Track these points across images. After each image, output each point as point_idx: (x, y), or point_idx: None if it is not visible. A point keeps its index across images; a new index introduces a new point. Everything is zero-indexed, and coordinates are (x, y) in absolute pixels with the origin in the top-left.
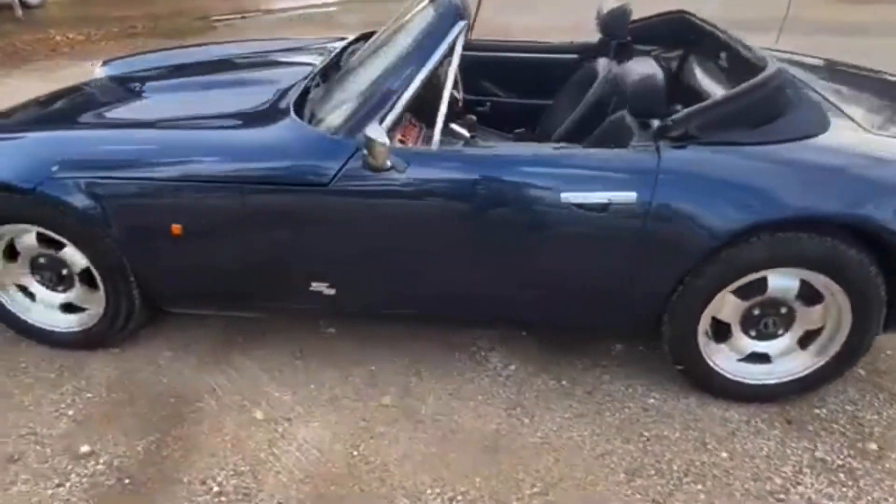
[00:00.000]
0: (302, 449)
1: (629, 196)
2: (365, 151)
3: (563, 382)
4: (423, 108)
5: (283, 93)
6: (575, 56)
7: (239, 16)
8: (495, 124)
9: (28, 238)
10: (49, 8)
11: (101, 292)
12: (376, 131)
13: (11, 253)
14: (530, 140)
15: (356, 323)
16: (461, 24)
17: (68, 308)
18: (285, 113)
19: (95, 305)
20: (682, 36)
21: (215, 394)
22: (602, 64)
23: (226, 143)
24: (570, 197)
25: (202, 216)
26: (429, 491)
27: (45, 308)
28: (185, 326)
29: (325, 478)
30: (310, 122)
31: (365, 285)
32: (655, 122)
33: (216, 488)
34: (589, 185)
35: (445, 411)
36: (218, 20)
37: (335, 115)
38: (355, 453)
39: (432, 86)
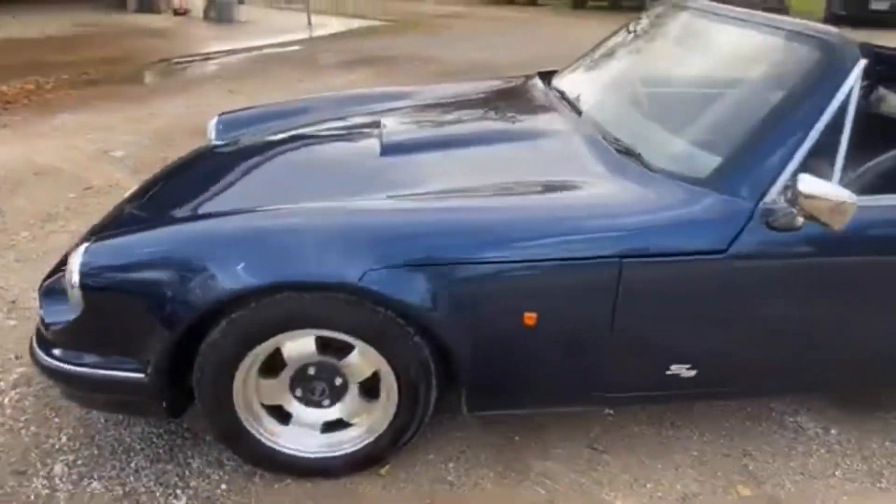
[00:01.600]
0: None
1: None
2: (793, 211)
3: None
4: None
5: (589, 146)
6: None
7: (200, 57)
8: None
9: (302, 345)
10: None
11: (389, 402)
12: (822, 186)
13: (268, 365)
14: None
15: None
16: (862, 63)
17: (329, 426)
18: (635, 171)
19: (369, 419)
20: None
21: None
22: None
23: (588, 212)
24: None
25: (565, 299)
26: None
27: (299, 430)
28: (441, 431)
29: None
30: None
31: (732, 362)
32: None
33: None
34: None
35: (812, 494)
36: (179, 62)
37: (694, 168)
38: None
39: None
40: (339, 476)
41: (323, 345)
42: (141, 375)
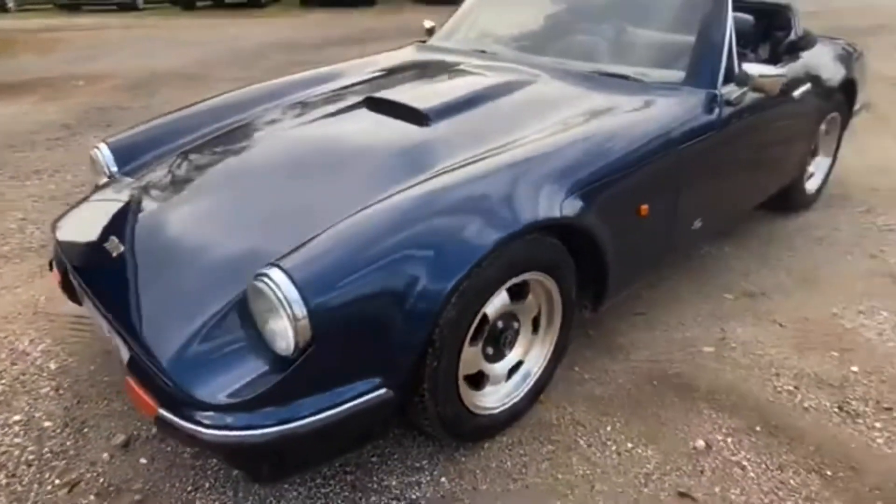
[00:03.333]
0: None
1: None
2: (744, 88)
3: None
4: None
5: (589, 81)
6: None
7: None
8: None
9: (500, 300)
10: None
11: (551, 328)
12: (760, 68)
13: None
14: None
15: None
16: None
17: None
18: (645, 88)
19: (535, 352)
20: None
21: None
22: None
23: (660, 122)
24: None
25: (659, 188)
26: None
27: (493, 388)
28: None
29: None
30: None
31: (722, 206)
32: None
33: None
34: None
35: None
36: None
37: (663, 74)
38: None
39: None
40: (522, 417)
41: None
42: (383, 391)
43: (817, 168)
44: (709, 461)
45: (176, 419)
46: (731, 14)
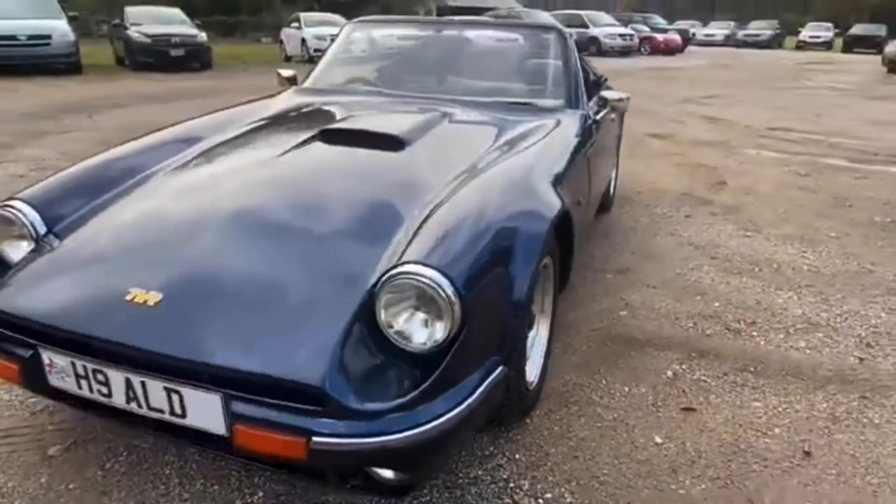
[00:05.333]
0: None
1: None
2: (605, 109)
3: None
4: None
5: (504, 109)
6: None
7: None
8: None
9: None
10: None
11: (547, 301)
12: (613, 93)
13: None
14: None
15: None
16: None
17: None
18: (544, 111)
19: (541, 330)
20: None
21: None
22: None
23: (574, 134)
24: None
25: (583, 184)
26: None
27: (532, 360)
28: None
29: None
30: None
31: (595, 203)
32: None
33: None
34: None
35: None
36: None
37: (547, 102)
38: None
39: None
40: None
41: None
42: (503, 368)
43: (611, 177)
44: (681, 383)
45: (340, 440)
46: (576, 50)
